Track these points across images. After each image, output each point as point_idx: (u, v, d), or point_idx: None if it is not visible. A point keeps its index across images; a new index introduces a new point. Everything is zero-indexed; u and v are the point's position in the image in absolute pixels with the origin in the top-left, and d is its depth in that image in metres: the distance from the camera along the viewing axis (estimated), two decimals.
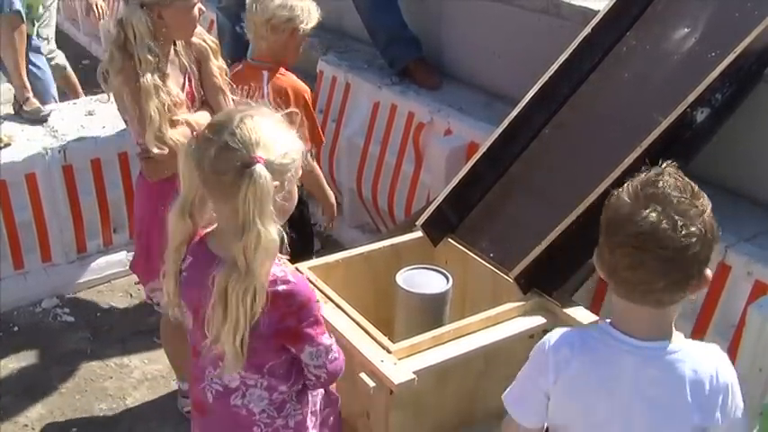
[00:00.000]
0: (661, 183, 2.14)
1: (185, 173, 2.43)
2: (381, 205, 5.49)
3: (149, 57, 3.56)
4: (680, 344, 2.23)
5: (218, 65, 3.91)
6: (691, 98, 3.59)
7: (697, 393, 2.20)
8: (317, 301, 2.54)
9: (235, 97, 4.00)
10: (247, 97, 4.11)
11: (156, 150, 3.61)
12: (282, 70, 4.28)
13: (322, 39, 6.33)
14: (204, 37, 3.89)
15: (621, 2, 4.26)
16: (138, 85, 3.56)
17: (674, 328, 2.24)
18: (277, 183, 2.33)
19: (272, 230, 2.31)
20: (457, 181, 4.00)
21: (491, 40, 5.31)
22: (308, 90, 4.38)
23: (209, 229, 2.54)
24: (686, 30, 4.07)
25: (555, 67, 4.14)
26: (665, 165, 2.22)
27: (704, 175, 3.24)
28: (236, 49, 5.82)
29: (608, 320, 2.29)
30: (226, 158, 2.31)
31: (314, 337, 2.50)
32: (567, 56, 4.15)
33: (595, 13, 4.32)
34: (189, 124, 3.70)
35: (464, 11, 5.49)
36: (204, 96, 3.91)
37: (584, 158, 3.92)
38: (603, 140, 3.93)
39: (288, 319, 2.43)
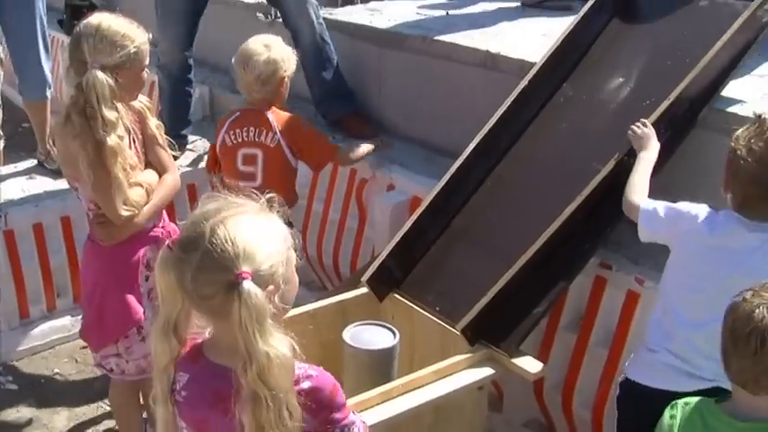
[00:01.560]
0: None
1: (163, 289, 2.17)
2: (326, 262, 5.48)
3: (113, 118, 3.55)
4: None
5: (156, 123, 3.92)
6: (627, 146, 3.65)
7: None
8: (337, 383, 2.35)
9: (176, 153, 4.02)
10: (257, 135, 4.53)
11: (125, 214, 3.60)
12: (276, 109, 4.64)
13: None
14: (139, 97, 3.89)
15: (557, 53, 4.33)
16: (98, 149, 3.53)
17: None
18: (271, 287, 2.11)
19: (280, 344, 2.08)
20: (401, 235, 4.02)
21: (430, 94, 5.35)
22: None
23: (200, 339, 2.29)
24: (621, 79, 4.15)
25: (494, 119, 4.19)
26: None
27: None
28: (174, 104, 5.97)
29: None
30: (207, 281, 2.07)
31: (343, 420, 2.33)
32: (505, 108, 4.21)
33: (532, 64, 4.39)
34: (140, 185, 3.70)
35: (402, 66, 5.54)
36: (146, 156, 3.90)
37: (526, 209, 3.96)
38: (544, 191, 3.98)
39: (320, 414, 2.25)
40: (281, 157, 4.56)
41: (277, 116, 4.59)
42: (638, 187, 3.40)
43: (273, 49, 4.56)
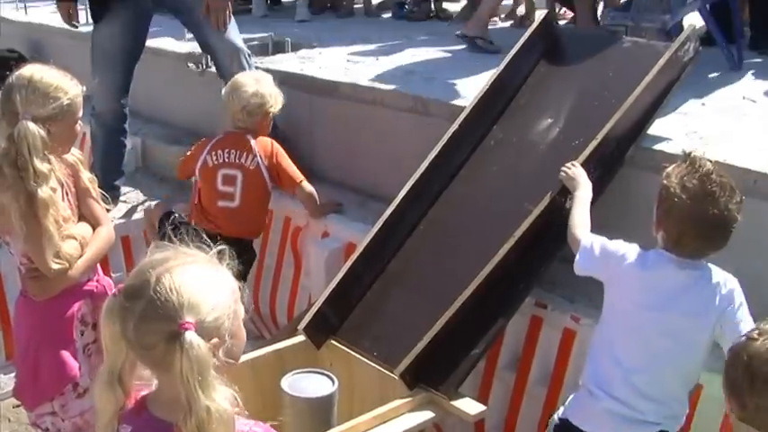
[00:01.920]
0: None
1: (107, 339, 2.10)
2: (263, 311, 5.46)
3: (45, 170, 3.51)
4: (709, 265, 3.07)
5: (89, 176, 3.88)
6: (558, 186, 3.69)
7: (713, 291, 3.01)
8: None
9: (109, 206, 3.99)
10: (238, 157, 4.80)
11: (56, 267, 3.54)
12: (259, 137, 4.92)
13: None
14: (72, 150, 3.86)
15: (487, 96, 4.38)
16: (30, 201, 3.48)
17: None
18: (216, 340, 2.05)
19: (221, 399, 2.02)
20: (336, 282, 4.02)
21: (361, 140, 5.38)
22: None
23: (145, 391, 2.20)
24: (550, 120, 4.21)
25: (426, 163, 4.22)
26: None
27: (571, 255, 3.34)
28: (107, 153, 5.91)
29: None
30: (149, 331, 2.01)
31: None
32: (436, 152, 4.24)
33: (462, 108, 4.43)
34: (74, 238, 3.66)
35: (333, 113, 5.56)
36: (79, 209, 3.86)
37: (460, 252, 3.98)
38: (477, 233, 4.00)
39: None
40: (261, 180, 4.82)
41: (259, 142, 4.85)
42: (579, 222, 3.41)
43: (262, 84, 4.91)
